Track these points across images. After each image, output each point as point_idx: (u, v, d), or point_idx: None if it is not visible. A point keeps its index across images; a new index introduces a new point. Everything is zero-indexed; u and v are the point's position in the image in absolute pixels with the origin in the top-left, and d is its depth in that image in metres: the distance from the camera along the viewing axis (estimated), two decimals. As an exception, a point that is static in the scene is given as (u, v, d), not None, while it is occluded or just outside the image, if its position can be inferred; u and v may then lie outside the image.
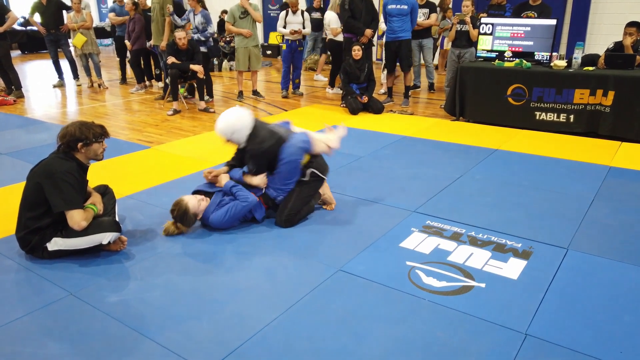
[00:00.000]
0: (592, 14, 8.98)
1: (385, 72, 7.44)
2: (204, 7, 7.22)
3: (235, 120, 3.19)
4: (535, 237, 3.02)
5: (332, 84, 8.20)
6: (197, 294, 2.47)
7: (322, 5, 10.52)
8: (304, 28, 7.56)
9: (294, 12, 7.53)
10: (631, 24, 5.51)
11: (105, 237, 2.71)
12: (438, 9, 7.91)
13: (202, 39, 7.00)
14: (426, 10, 7.27)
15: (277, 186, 3.23)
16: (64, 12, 8.31)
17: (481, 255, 2.82)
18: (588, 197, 3.63)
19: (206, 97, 7.04)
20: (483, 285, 2.52)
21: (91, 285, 2.54)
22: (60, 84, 8.68)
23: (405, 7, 6.54)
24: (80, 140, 2.70)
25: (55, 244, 2.69)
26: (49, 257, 2.73)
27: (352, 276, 2.61)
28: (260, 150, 3.18)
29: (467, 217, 3.31)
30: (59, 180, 2.60)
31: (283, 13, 7.53)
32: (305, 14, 7.69)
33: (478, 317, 2.26)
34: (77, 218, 2.62)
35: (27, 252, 2.76)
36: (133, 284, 2.56)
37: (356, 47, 6.34)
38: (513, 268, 2.67)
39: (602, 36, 8.87)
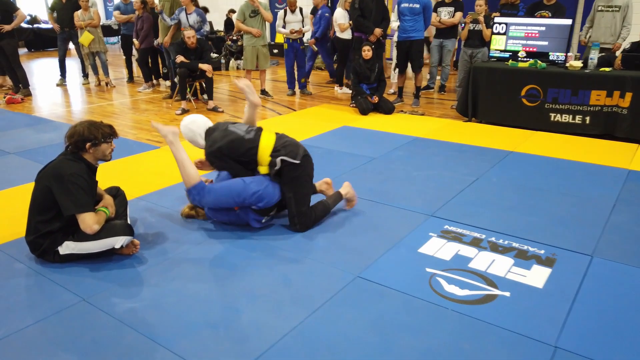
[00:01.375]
0: (605, 14, 8.83)
1: (396, 71, 7.33)
2: (197, 6, 7.12)
3: (189, 124, 3.18)
4: (558, 243, 2.94)
5: (340, 82, 8.11)
6: (212, 301, 2.39)
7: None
8: (303, 26, 7.48)
9: (292, 11, 7.44)
10: None
11: (118, 241, 2.64)
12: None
13: (197, 37, 6.88)
14: (451, 9, 7.03)
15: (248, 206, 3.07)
16: None
17: (503, 262, 2.73)
18: (609, 202, 3.54)
19: (204, 97, 6.93)
20: (507, 294, 2.44)
21: (104, 290, 2.47)
22: (62, 83, 8.63)
23: (417, 5, 6.44)
24: (89, 140, 2.64)
25: (67, 247, 2.63)
26: (60, 261, 2.67)
27: (371, 283, 2.53)
28: (209, 151, 3.07)
29: (486, 221, 3.23)
30: (69, 183, 2.53)
31: (281, 12, 7.44)
32: (305, 11, 7.60)
33: (504, 327, 2.18)
34: (89, 221, 2.56)
35: (38, 256, 2.70)
36: (146, 289, 2.49)
37: (366, 47, 6.25)
38: (537, 276, 2.59)
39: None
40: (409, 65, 6.93)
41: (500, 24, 5.99)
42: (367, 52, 6.25)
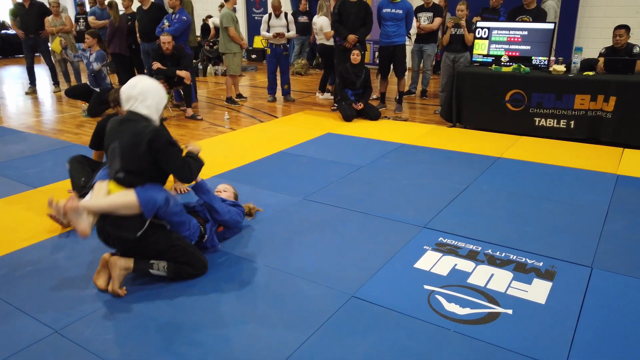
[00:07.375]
0: (580, 18, 8.95)
1: (378, 77, 7.25)
2: (103, 49, 6.64)
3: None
4: (556, 254, 2.85)
5: (322, 88, 7.99)
6: (200, 328, 2.22)
7: (307, 9, 10.33)
8: (288, 31, 7.34)
9: (277, 16, 7.29)
10: (619, 27, 5.42)
11: None
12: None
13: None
14: (430, 14, 6.99)
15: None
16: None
17: (502, 276, 2.62)
18: (602, 209, 3.48)
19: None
20: (510, 311, 2.32)
21: (78, 319, 2.27)
22: (32, 91, 8.29)
23: (400, 11, 6.37)
24: None
25: None
26: None
27: (367, 304, 2.39)
28: None
29: (481, 232, 3.12)
30: None
31: (266, 16, 7.30)
32: (290, 16, 7.45)
33: (511, 349, 2.07)
34: None
35: None
36: (125, 316, 2.30)
37: (355, 52, 6.12)
38: (539, 291, 2.48)
39: (590, 40, 8.81)
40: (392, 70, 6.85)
41: (482, 28, 5.95)
42: (355, 57, 6.12)
